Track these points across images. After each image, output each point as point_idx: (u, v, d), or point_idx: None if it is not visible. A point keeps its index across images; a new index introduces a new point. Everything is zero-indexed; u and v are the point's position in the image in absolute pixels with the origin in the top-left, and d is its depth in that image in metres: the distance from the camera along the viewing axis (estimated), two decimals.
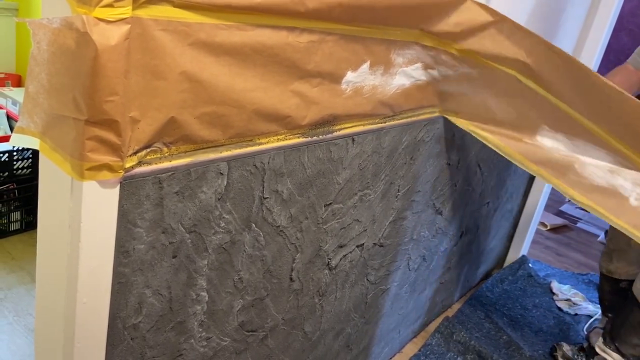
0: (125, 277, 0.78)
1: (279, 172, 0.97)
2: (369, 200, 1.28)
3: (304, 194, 1.06)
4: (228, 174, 0.87)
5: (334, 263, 1.26)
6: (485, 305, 2.26)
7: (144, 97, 0.69)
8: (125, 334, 0.82)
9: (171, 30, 0.69)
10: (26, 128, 0.69)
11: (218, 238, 0.91)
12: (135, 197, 0.74)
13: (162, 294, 0.85)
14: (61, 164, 0.68)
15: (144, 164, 0.74)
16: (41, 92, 0.65)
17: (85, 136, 0.64)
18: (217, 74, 0.77)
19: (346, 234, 1.26)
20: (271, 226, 1.01)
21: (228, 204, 0.89)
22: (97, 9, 0.59)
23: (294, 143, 0.97)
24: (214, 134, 0.81)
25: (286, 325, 1.20)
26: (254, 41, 0.80)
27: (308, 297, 1.23)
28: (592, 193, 1.18)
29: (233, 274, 0.97)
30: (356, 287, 1.42)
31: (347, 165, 1.14)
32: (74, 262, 0.71)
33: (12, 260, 2.18)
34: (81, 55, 0.60)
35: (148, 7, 0.65)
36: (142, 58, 0.67)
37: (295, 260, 1.13)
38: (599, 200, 1.17)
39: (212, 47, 0.74)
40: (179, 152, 0.78)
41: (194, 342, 0.96)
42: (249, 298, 1.04)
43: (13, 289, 2.01)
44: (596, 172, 1.16)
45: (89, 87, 0.62)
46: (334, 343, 1.44)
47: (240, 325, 1.06)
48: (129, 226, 0.75)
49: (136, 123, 0.70)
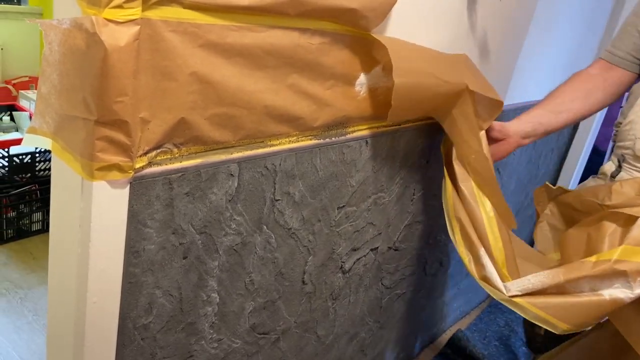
0: (136, 277, 0.78)
1: (290, 174, 0.96)
2: (383, 204, 1.27)
3: (316, 197, 1.05)
4: (239, 176, 0.87)
5: (347, 266, 1.25)
6: (505, 312, 2.22)
7: (153, 98, 0.69)
8: (136, 334, 0.83)
9: (181, 32, 0.69)
10: (38, 128, 0.70)
11: (229, 239, 0.90)
12: (145, 198, 0.74)
13: (173, 294, 0.85)
14: (72, 164, 0.68)
15: (154, 165, 0.74)
16: (53, 93, 0.66)
17: (95, 136, 0.65)
18: (228, 75, 0.77)
19: (360, 237, 1.24)
20: (283, 228, 1.01)
21: (239, 206, 0.89)
22: (107, 10, 0.60)
23: (306, 145, 0.96)
24: (225, 135, 0.81)
25: (299, 329, 1.19)
26: (265, 42, 0.79)
27: (321, 300, 1.22)
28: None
29: (244, 275, 0.97)
30: (370, 291, 1.40)
31: (361, 167, 1.13)
32: (84, 261, 0.72)
33: (33, 260, 2.22)
34: (91, 56, 0.61)
35: (158, 8, 0.65)
36: (152, 59, 0.67)
37: (308, 263, 1.12)
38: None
39: (222, 49, 0.74)
40: (189, 153, 0.78)
41: (205, 344, 0.96)
42: (260, 300, 1.04)
43: (33, 288, 2.04)
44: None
45: (99, 87, 0.62)
46: (347, 347, 1.43)
47: (252, 328, 1.05)
48: (139, 226, 0.75)
49: (146, 124, 0.70)
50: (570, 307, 0.95)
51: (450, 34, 1.24)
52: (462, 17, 1.26)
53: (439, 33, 1.20)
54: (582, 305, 0.94)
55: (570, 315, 0.95)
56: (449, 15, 1.20)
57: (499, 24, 1.43)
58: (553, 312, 0.96)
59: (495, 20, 1.40)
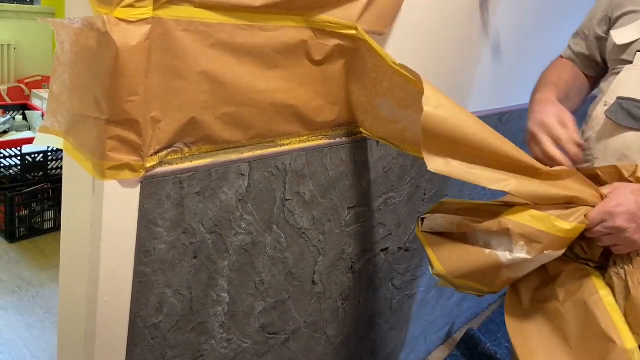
0: (146, 276, 0.78)
1: (301, 173, 0.96)
2: (394, 204, 1.26)
3: (326, 196, 1.05)
4: (249, 175, 0.86)
5: (357, 267, 1.25)
6: None
7: (164, 97, 0.69)
8: (146, 334, 0.83)
9: (192, 31, 0.69)
10: (50, 127, 0.70)
11: (239, 239, 0.90)
12: (156, 197, 0.74)
13: (183, 294, 0.85)
14: (83, 163, 0.68)
15: (165, 164, 0.74)
16: (64, 92, 0.66)
17: (107, 136, 0.65)
18: (239, 74, 0.77)
19: (370, 238, 1.24)
20: (293, 228, 1.00)
21: (249, 205, 0.89)
22: (118, 9, 0.59)
23: (316, 144, 0.96)
24: (236, 135, 0.81)
25: (308, 329, 1.19)
26: (276, 42, 0.79)
27: (331, 300, 1.22)
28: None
29: (254, 275, 0.97)
30: (381, 291, 1.40)
31: (372, 167, 1.13)
32: (95, 260, 0.72)
33: (44, 259, 2.24)
34: (102, 55, 0.61)
35: (169, 7, 0.65)
36: (163, 58, 0.67)
37: (318, 263, 1.11)
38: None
39: (233, 48, 0.74)
40: (200, 152, 0.78)
41: (215, 343, 0.96)
42: (270, 300, 1.04)
43: (45, 286, 2.06)
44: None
45: (110, 87, 0.62)
46: (357, 348, 1.42)
47: (262, 328, 1.05)
48: (149, 226, 0.75)
49: (157, 123, 0.70)
50: (451, 252, 0.92)
51: (462, 32, 1.23)
52: (474, 16, 1.25)
53: (448, 31, 1.19)
54: (461, 252, 0.91)
55: (447, 259, 0.92)
56: (459, 15, 1.20)
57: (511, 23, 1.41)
58: (436, 251, 0.94)
59: (508, 19, 1.39)
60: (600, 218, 0.82)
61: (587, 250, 0.90)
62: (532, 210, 0.83)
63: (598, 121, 0.93)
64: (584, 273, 0.89)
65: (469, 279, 0.92)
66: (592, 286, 0.87)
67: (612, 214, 0.81)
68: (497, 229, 0.85)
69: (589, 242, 0.89)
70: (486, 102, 1.51)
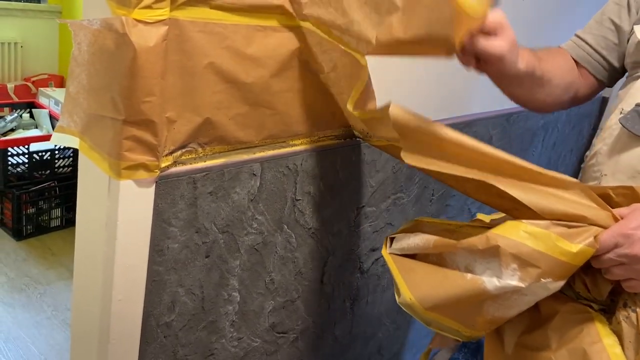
0: (160, 275, 0.79)
1: (311, 173, 0.97)
2: (402, 204, 1.27)
3: (336, 197, 1.05)
4: (261, 175, 0.87)
5: (365, 267, 1.25)
6: None
7: (180, 98, 0.70)
8: (159, 332, 0.83)
9: (208, 32, 0.69)
10: (66, 127, 0.70)
11: (250, 239, 0.91)
12: (170, 197, 0.75)
13: (195, 293, 0.86)
14: (99, 163, 0.69)
15: (179, 164, 0.75)
16: (81, 92, 0.67)
17: (123, 136, 0.65)
18: (253, 75, 0.77)
19: (379, 238, 1.24)
20: (303, 228, 1.01)
21: (260, 205, 0.90)
22: (136, 10, 0.60)
23: (327, 145, 0.96)
24: (249, 135, 0.82)
25: (317, 329, 1.20)
26: (289, 43, 0.80)
27: (339, 300, 1.22)
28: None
29: (265, 275, 0.98)
30: (388, 291, 1.40)
31: (381, 168, 1.13)
32: (110, 259, 0.72)
33: (52, 256, 2.25)
34: (120, 56, 0.61)
35: (185, 8, 0.66)
36: (179, 59, 0.68)
37: (327, 263, 1.12)
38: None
39: (248, 49, 0.75)
40: (214, 152, 0.79)
41: (225, 342, 0.96)
42: (280, 300, 1.04)
43: (52, 284, 2.07)
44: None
45: (127, 87, 0.63)
46: (365, 348, 1.43)
47: (271, 327, 1.06)
48: (163, 225, 0.76)
49: (172, 123, 0.71)
50: (424, 276, 0.73)
51: None
52: None
53: None
54: (436, 276, 0.72)
55: (418, 285, 0.73)
56: None
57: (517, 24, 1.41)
58: (405, 275, 0.76)
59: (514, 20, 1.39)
60: (614, 241, 0.64)
61: (591, 287, 0.71)
62: (528, 226, 0.64)
63: (611, 131, 0.80)
64: (585, 316, 0.71)
65: (443, 312, 0.72)
66: (594, 333, 0.69)
67: (631, 237, 0.63)
68: (484, 247, 0.66)
69: (595, 275, 0.70)
70: (494, 102, 1.51)
